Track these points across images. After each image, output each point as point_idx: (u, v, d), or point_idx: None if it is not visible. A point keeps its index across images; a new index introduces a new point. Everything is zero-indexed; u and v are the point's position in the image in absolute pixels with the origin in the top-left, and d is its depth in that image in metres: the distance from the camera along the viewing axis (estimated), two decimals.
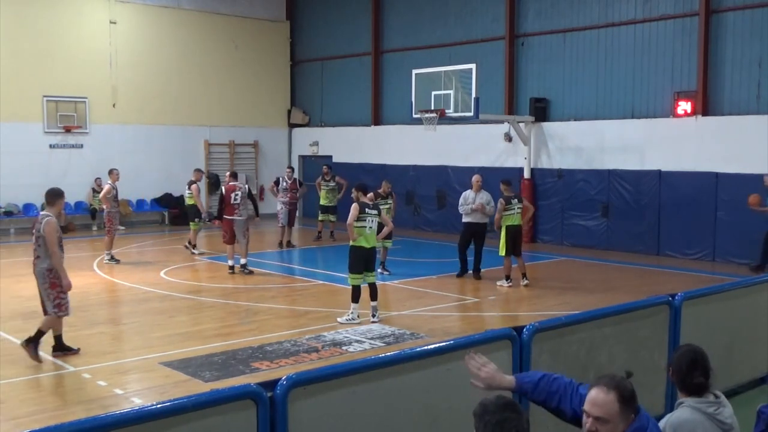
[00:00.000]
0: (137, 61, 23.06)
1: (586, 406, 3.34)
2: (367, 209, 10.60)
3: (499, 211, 13.34)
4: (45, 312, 8.79)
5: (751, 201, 14.83)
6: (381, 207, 13.92)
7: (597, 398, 3.29)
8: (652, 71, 17.46)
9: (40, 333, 8.72)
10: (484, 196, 14.04)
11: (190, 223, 17.41)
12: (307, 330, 10.22)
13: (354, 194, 11.06)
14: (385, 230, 11.55)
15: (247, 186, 15.54)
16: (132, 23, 23.00)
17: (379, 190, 14.58)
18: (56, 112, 21.57)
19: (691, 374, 3.95)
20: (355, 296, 10.61)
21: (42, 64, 21.27)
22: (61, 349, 8.91)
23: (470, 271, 14.20)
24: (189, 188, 17.26)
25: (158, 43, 23.54)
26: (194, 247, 17.21)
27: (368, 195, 11.93)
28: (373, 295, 10.71)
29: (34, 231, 8.72)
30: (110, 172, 16.33)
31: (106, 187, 16.07)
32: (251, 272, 14.54)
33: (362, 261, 10.57)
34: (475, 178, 14.29)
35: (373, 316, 10.61)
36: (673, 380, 4.08)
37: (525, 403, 4.03)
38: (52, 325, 8.83)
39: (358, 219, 10.51)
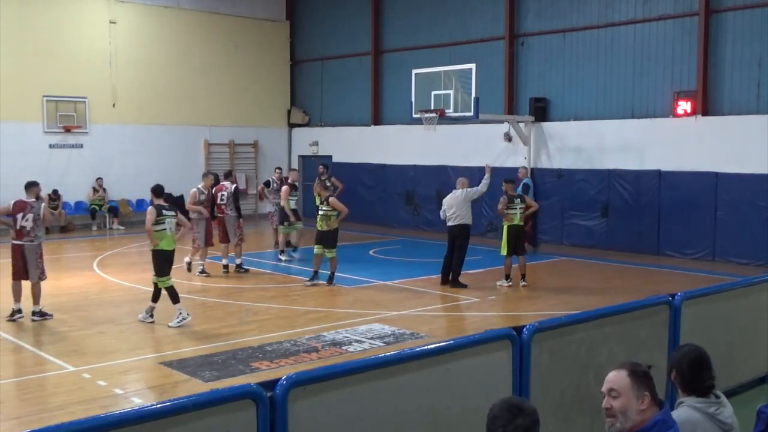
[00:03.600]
0: (137, 61, 23.07)
1: (603, 388, 3.54)
2: (164, 211, 10.48)
3: (503, 203, 13.29)
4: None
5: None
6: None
7: (610, 376, 3.53)
8: (652, 71, 17.46)
9: None
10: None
11: (279, 226, 16.34)
12: (306, 330, 10.22)
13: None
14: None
15: (234, 186, 15.04)
16: (132, 23, 23.00)
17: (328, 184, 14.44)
18: (56, 112, 21.56)
19: (700, 376, 3.94)
20: (175, 296, 10.51)
21: (42, 64, 21.26)
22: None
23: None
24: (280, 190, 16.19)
25: (158, 43, 23.54)
26: (282, 252, 16.19)
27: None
28: (156, 298, 10.60)
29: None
30: (205, 174, 14.91)
31: (192, 192, 14.36)
32: (246, 271, 14.55)
33: (167, 263, 10.56)
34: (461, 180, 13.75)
35: (151, 316, 10.57)
36: (676, 381, 4.05)
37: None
38: None
39: (157, 222, 10.38)
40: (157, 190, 10.87)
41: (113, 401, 7.41)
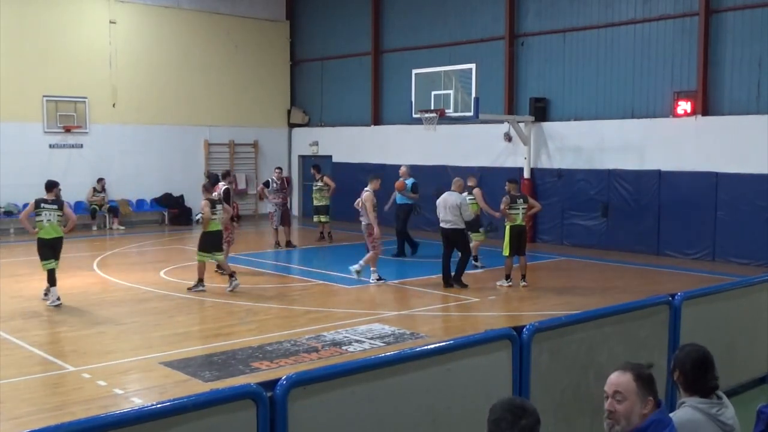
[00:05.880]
0: (137, 61, 23.06)
1: (605, 388, 3.50)
2: (43, 204, 11.55)
3: (505, 203, 13.24)
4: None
5: (397, 185, 16.53)
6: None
7: (614, 378, 3.49)
8: (652, 71, 17.46)
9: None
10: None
11: (475, 233, 15.08)
12: (306, 330, 10.22)
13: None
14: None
15: (225, 188, 14.90)
16: (132, 23, 23.00)
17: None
18: (56, 112, 21.55)
19: (704, 376, 3.92)
20: (52, 279, 11.62)
21: (42, 64, 21.26)
22: None
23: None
24: (470, 193, 14.78)
25: (158, 43, 23.53)
26: (476, 258, 15.06)
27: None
28: (50, 280, 11.68)
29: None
30: (375, 177, 14.20)
31: (365, 195, 13.66)
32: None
33: (47, 249, 11.59)
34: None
35: (45, 296, 11.78)
36: (679, 381, 4.02)
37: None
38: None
39: (36, 214, 11.55)
40: (47, 185, 11.82)
41: (113, 401, 7.40)
